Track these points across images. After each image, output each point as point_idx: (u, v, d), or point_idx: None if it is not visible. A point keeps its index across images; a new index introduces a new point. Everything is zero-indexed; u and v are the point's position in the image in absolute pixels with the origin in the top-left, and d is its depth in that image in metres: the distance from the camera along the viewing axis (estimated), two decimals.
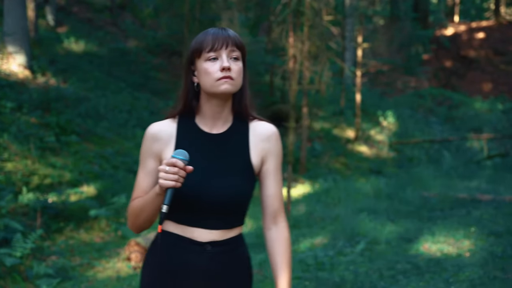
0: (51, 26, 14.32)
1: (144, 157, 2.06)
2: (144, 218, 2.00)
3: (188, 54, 2.03)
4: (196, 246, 1.99)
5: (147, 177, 2.06)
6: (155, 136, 2.02)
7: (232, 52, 1.96)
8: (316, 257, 6.04)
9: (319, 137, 14.63)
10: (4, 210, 6.57)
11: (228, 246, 2.01)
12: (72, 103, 10.50)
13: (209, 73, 1.94)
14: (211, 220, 1.99)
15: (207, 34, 1.98)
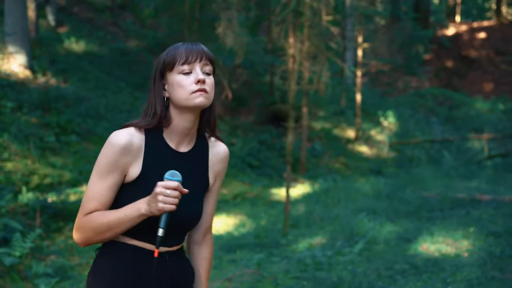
0: (51, 26, 14.35)
1: (107, 169, 1.91)
2: (110, 235, 1.91)
3: (159, 67, 1.98)
4: (158, 258, 1.99)
5: (108, 191, 1.93)
6: (125, 148, 1.91)
7: (205, 66, 1.96)
8: (314, 257, 6.05)
9: (319, 137, 14.64)
10: (3, 210, 6.58)
11: (180, 255, 2.06)
12: (72, 103, 10.52)
13: (183, 86, 1.92)
14: (172, 238, 2.00)
15: (179, 48, 1.96)
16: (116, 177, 1.92)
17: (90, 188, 1.93)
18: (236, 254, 6.43)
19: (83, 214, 1.92)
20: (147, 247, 1.97)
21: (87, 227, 1.91)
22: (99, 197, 1.92)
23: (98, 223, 1.89)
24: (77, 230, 1.93)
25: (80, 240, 1.94)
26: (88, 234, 1.92)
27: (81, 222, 1.92)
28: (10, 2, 10.84)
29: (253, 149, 12.55)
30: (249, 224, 7.92)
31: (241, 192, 9.96)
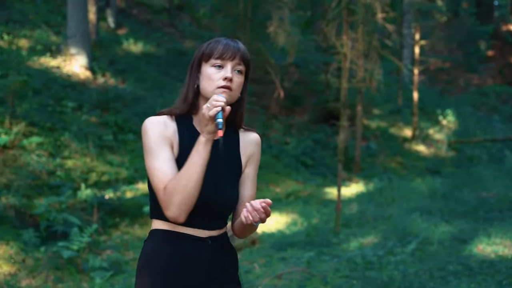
0: (111, 28, 14.79)
1: (157, 145, 1.98)
2: (193, 186, 1.91)
3: (197, 56, 2.08)
4: (199, 242, 2.04)
5: (170, 162, 1.97)
6: (163, 123, 2.01)
7: (237, 65, 2.03)
8: (365, 256, 5.99)
9: (375, 136, 14.45)
10: (64, 205, 6.87)
11: (223, 240, 2.10)
12: (129, 102, 10.81)
13: (212, 79, 2.01)
14: (211, 221, 2.05)
15: (219, 42, 2.04)
16: (168, 150, 1.99)
17: (153, 169, 1.96)
18: (287, 252, 6.46)
19: (162, 189, 1.94)
20: (189, 232, 2.02)
21: (172, 193, 1.92)
22: (167, 170, 1.95)
23: (177, 181, 1.92)
24: (167, 205, 1.93)
25: (175, 211, 1.93)
26: (176, 199, 1.91)
27: (165, 195, 1.93)
28: (72, 6, 11.26)
29: (307, 148, 12.52)
30: (301, 222, 7.92)
31: (294, 190, 9.96)
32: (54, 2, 14.30)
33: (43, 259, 5.61)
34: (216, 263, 2.07)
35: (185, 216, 1.96)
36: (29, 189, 7.00)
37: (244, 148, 2.15)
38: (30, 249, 5.80)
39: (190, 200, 1.93)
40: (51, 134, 8.30)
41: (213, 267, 2.06)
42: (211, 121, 1.91)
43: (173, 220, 1.95)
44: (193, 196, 1.94)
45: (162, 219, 2.04)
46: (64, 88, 10.11)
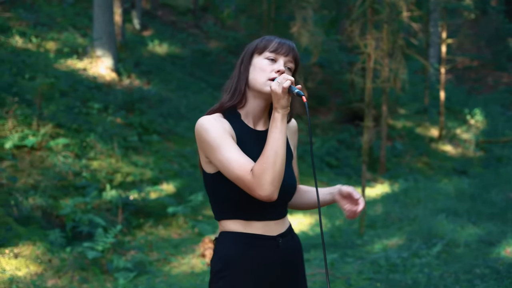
0: (137, 30, 14.92)
1: (223, 137, 2.00)
2: (281, 162, 1.95)
3: (250, 49, 2.12)
4: (270, 241, 2.09)
5: (241, 151, 2.00)
6: (219, 121, 2.04)
7: (289, 62, 2.10)
8: (389, 258, 5.93)
9: (400, 136, 14.30)
10: (89, 206, 6.95)
11: (290, 235, 2.18)
12: (154, 103, 10.89)
13: (265, 70, 2.06)
14: (276, 210, 2.11)
15: (275, 37, 2.14)
16: (234, 142, 2.02)
17: (228, 160, 1.96)
18: (310, 254, 6.43)
19: (248, 174, 1.94)
20: (260, 232, 2.07)
21: (262, 173, 1.92)
22: (242, 158, 1.97)
23: (264, 160, 1.93)
24: (259, 186, 1.92)
25: (269, 189, 1.93)
26: (268, 177, 1.92)
27: (254, 177, 1.93)
28: (98, 9, 11.38)
29: (332, 148, 12.45)
30: (324, 224, 7.88)
31: None
32: (81, 5, 14.48)
33: (68, 259, 5.67)
34: (288, 261, 2.14)
35: (277, 193, 1.97)
36: (55, 190, 7.10)
37: (289, 135, 2.24)
38: (56, 249, 5.88)
39: (280, 176, 1.96)
40: (77, 136, 8.41)
41: (286, 266, 2.13)
42: (284, 95, 1.94)
43: (267, 199, 1.95)
44: (282, 172, 1.96)
45: (233, 217, 2.07)
46: (90, 89, 10.23)
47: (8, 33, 11.44)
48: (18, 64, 10.00)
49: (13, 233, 5.90)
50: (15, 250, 5.66)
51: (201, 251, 6.34)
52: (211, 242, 6.31)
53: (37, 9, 13.49)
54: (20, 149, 7.55)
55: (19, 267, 5.45)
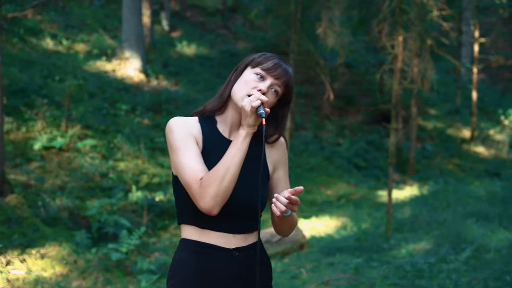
0: (165, 31, 15.01)
1: (185, 141, 1.99)
2: (230, 179, 1.91)
3: (247, 60, 2.09)
4: (225, 253, 2.02)
5: (200, 159, 1.98)
6: (184, 121, 2.04)
7: (276, 86, 2.04)
8: (416, 264, 5.81)
9: (431, 137, 14.06)
10: (115, 207, 7.00)
11: (253, 251, 2.07)
12: (182, 104, 10.93)
13: (248, 85, 2.01)
14: (235, 223, 2.03)
15: (273, 57, 2.07)
16: (196, 147, 2.00)
17: (183, 164, 1.95)
18: (335, 258, 6.35)
19: (196, 182, 1.93)
20: (214, 242, 2.01)
21: (208, 185, 1.91)
22: (197, 165, 1.95)
23: (214, 173, 1.92)
24: (202, 197, 1.91)
25: (209, 202, 1.91)
26: (212, 190, 1.91)
27: (200, 187, 1.92)
28: (126, 11, 11.49)
29: (360, 149, 12.32)
30: (351, 226, 7.78)
31: (345, 193, 9.81)
32: (111, 7, 14.65)
33: (93, 261, 5.72)
34: (242, 276, 2.04)
35: (218, 208, 1.94)
36: (82, 191, 7.18)
37: (269, 152, 2.15)
38: (82, 250, 5.93)
39: (225, 193, 1.93)
40: (105, 137, 8.49)
41: (239, 281, 2.04)
42: (252, 114, 1.92)
43: (206, 212, 1.93)
44: (229, 189, 1.93)
45: (189, 223, 2.04)
46: (118, 91, 10.33)
47: (39, 36, 11.64)
48: (49, 66, 10.16)
49: (40, 233, 5.98)
50: (42, 250, 5.73)
51: None
52: None
53: (69, 11, 13.70)
54: (48, 150, 7.66)
55: (45, 267, 5.51)
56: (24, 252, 5.62)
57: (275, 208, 1.93)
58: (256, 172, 2.05)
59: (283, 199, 1.91)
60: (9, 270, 5.34)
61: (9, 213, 6.06)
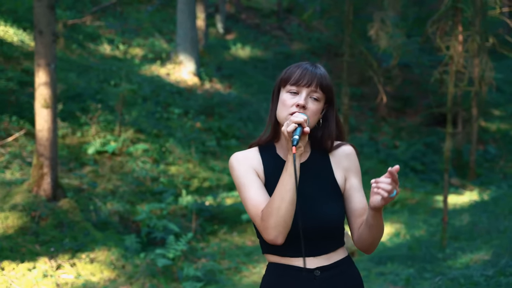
0: (220, 34, 15.08)
1: (246, 176, 2.01)
2: (287, 207, 1.90)
3: (278, 80, 2.06)
4: (305, 273, 1.99)
5: (262, 190, 1.99)
6: (245, 157, 2.06)
7: (313, 93, 2.00)
8: (471, 276, 5.52)
9: (494, 139, 13.47)
10: (165, 212, 7.05)
11: (337, 269, 2.03)
12: (234, 107, 10.93)
13: (286, 105, 1.99)
14: (314, 247, 2.01)
15: (298, 67, 2.03)
16: (257, 179, 2.01)
17: (246, 199, 1.99)
18: (386, 267, 6.14)
19: (258, 216, 1.95)
20: (296, 264, 1.99)
21: (267, 217, 1.92)
22: (260, 198, 1.97)
23: (270, 204, 1.92)
24: (264, 229, 1.93)
25: (272, 233, 1.92)
26: (272, 221, 1.91)
27: (262, 220, 1.94)
28: (181, 15, 11.60)
29: (418, 152, 11.95)
30: (404, 234, 7.53)
31: (400, 198, 9.52)
32: (167, 11, 14.85)
33: (141, 266, 5.76)
34: None
35: (283, 237, 1.93)
36: (133, 195, 7.26)
37: (337, 163, 2.10)
38: (131, 255, 5.99)
39: (285, 221, 1.92)
40: (157, 141, 8.57)
41: None
42: (290, 138, 1.89)
43: (272, 242, 1.94)
44: (288, 216, 1.92)
45: (270, 252, 2.04)
46: (172, 94, 10.42)
47: (97, 41, 11.92)
48: (105, 71, 10.38)
49: (91, 238, 6.08)
50: (91, 255, 5.82)
51: None
52: None
53: (126, 16, 13.98)
54: (101, 154, 7.81)
55: (94, 272, 5.59)
56: (74, 256, 5.73)
57: (380, 192, 1.82)
58: (324, 193, 2.03)
59: (385, 179, 1.83)
60: (59, 274, 5.45)
61: (61, 217, 6.19)
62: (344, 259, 2.05)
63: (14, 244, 5.66)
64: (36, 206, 6.13)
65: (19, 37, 9.97)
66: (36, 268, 5.41)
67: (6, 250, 5.56)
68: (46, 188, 6.29)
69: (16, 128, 7.77)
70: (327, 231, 2.01)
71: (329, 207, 2.01)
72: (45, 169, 6.28)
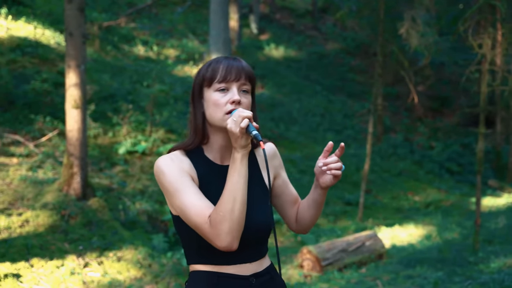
0: (254, 34, 15.09)
1: (181, 180, 1.85)
2: (240, 209, 1.78)
3: (198, 81, 1.92)
4: (242, 281, 1.91)
5: (201, 195, 1.84)
6: (176, 160, 1.89)
7: (243, 85, 1.89)
8: (502, 281, 5.35)
9: None
10: None
11: (268, 275, 1.97)
12: (266, 107, 10.91)
13: (219, 104, 1.86)
14: (250, 252, 1.92)
15: (219, 62, 1.90)
16: (193, 183, 1.86)
17: (186, 205, 1.82)
18: (415, 270, 6.01)
19: (206, 222, 1.79)
20: (231, 271, 1.90)
21: (219, 222, 1.78)
22: (200, 203, 1.82)
23: (221, 207, 1.78)
24: (217, 236, 1.79)
25: (226, 239, 1.79)
26: (226, 225, 1.77)
27: (211, 226, 1.79)
28: (214, 15, 11.66)
29: (454, 153, 11.69)
30: (436, 236, 7.37)
31: (435, 200, 9.33)
32: (201, 12, 14.95)
33: (167, 265, 5.80)
34: None
35: (237, 242, 1.81)
36: (161, 195, 7.31)
37: (263, 164, 2.02)
38: (158, 254, 6.03)
39: (240, 224, 1.80)
40: None
41: None
42: (242, 135, 1.77)
43: (226, 249, 1.80)
44: (242, 219, 1.80)
45: (200, 262, 1.92)
46: None
47: (132, 43, 12.09)
48: (138, 72, 10.51)
49: (118, 237, 6.16)
50: (119, 253, 5.89)
51: (299, 262, 6.19)
52: (309, 253, 6.14)
53: (161, 17, 14.14)
54: (132, 154, 7.90)
55: (120, 270, 5.66)
56: (102, 255, 5.81)
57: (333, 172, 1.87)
58: (257, 193, 1.94)
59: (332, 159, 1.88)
60: (86, 272, 5.54)
61: (90, 216, 6.30)
62: (271, 265, 2.00)
63: (44, 242, 5.78)
64: (66, 205, 6.25)
65: (56, 39, 10.19)
66: (64, 266, 5.51)
67: (36, 248, 5.68)
68: (76, 187, 6.40)
69: (50, 128, 7.94)
70: (262, 235, 1.93)
71: (263, 211, 1.93)
72: (75, 169, 6.39)
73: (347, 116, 11.95)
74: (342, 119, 11.67)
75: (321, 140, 10.54)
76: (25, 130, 7.82)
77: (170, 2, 14.85)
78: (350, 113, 12.13)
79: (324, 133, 10.92)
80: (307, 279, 5.87)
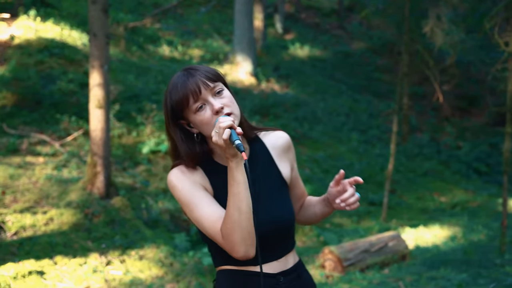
0: (279, 34, 15.06)
1: (193, 193, 1.86)
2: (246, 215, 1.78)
3: (168, 112, 1.88)
4: (269, 279, 1.91)
5: (215, 205, 1.86)
6: (187, 172, 1.89)
7: (213, 89, 1.85)
8: None
9: None
10: None
11: (296, 273, 1.97)
12: (291, 107, 10.88)
13: (208, 122, 1.83)
14: (274, 250, 1.92)
15: (176, 87, 1.84)
16: (206, 193, 1.87)
17: (199, 218, 1.85)
18: (439, 272, 5.92)
19: (219, 234, 1.83)
20: (257, 270, 1.91)
21: (230, 233, 1.80)
22: (213, 214, 1.84)
23: (228, 219, 1.79)
24: (231, 247, 1.81)
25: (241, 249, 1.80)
26: (237, 236, 1.79)
27: (224, 238, 1.82)
28: (238, 15, 11.68)
29: (482, 153, 11.48)
30: (461, 237, 7.24)
31: (461, 201, 9.18)
32: (226, 12, 14.99)
33: (188, 264, 5.82)
34: None
35: (253, 248, 1.82)
36: None
37: (279, 155, 2.01)
38: (179, 253, 6.06)
39: (250, 231, 1.80)
40: None
41: None
42: (227, 146, 1.75)
43: (244, 258, 1.83)
44: (251, 226, 1.80)
45: (228, 263, 1.93)
46: None
47: (157, 43, 12.18)
48: (163, 72, 10.58)
49: (141, 235, 6.21)
50: (141, 252, 5.94)
51: (321, 262, 6.16)
52: (330, 253, 6.10)
53: (186, 17, 14.21)
54: (155, 154, 7.96)
55: (142, 269, 5.70)
56: (124, 253, 5.87)
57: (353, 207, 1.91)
58: (274, 187, 1.94)
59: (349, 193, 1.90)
60: (109, 270, 5.59)
61: (113, 214, 6.36)
62: (299, 262, 2.00)
63: (67, 240, 5.86)
64: (89, 204, 6.33)
65: (82, 40, 10.33)
66: (87, 264, 5.58)
67: (60, 246, 5.76)
68: (99, 186, 6.48)
69: (75, 128, 8.05)
70: (284, 232, 1.93)
71: (283, 206, 1.94)
72: (98, 168, 6.47)
73: (372, 115, 11.84)
74: (367, 119, 11.57)
75: (345, 140, 10.47)
76: (51, 129, 7.95)
77: (195, 2, 14.92)
78: (375, 112, 12.02)
79: (348, 132, 10.84)
80: (329, 280, 5.83)
